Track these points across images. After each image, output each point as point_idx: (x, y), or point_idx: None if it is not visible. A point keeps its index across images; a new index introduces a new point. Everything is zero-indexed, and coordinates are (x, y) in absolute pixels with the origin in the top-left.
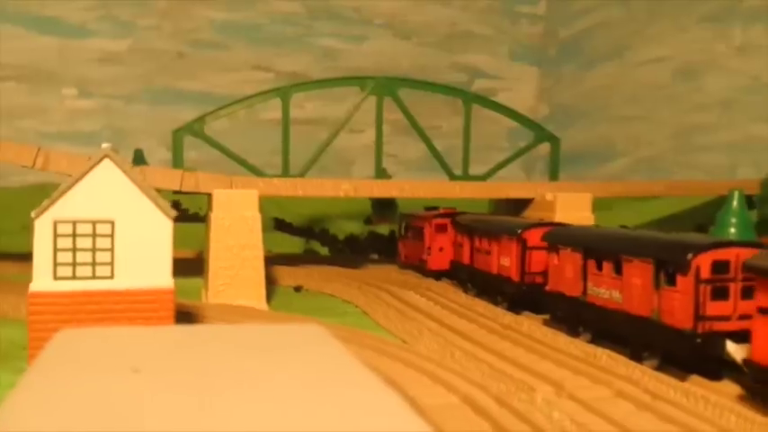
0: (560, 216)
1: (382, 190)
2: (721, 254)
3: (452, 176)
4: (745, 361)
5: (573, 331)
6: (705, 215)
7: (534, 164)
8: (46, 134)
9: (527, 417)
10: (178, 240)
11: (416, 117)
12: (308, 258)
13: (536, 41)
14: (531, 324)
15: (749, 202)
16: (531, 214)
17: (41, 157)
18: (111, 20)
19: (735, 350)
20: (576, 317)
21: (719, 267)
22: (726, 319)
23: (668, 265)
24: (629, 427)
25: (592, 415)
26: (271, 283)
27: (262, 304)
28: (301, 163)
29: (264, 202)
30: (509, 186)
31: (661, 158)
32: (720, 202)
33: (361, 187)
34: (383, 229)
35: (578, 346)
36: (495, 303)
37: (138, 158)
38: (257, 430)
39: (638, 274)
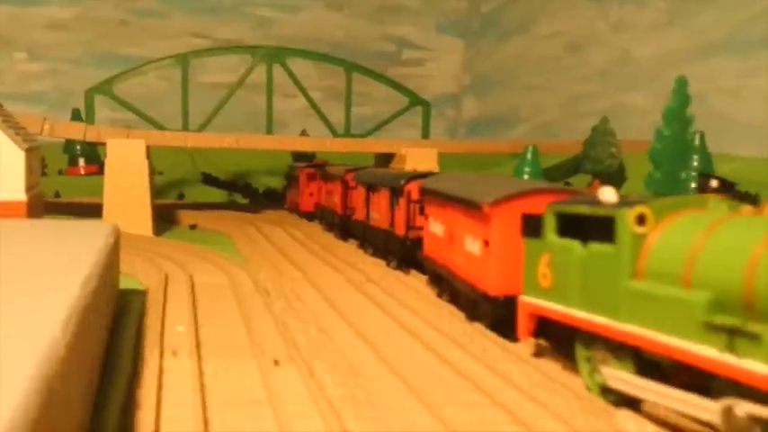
0: (410, 167)
1: (263, 143)
2: None
3: (335, 134)
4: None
5: (362, 247)
6: (568, 169)
7: (456, 128)
8: (0, 94)
9: (265, 288)
10: None
11: (351, 84)
12: (222, 206)
13: (461, 15)
14: (347, 247)
15: (577, 160)
16: (394, 166)
17: None
18: None
19: None
20: (363, 236)
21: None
22: None
23: (395, 191)
24: (331, 296)
25: (313, 289)
26: (174, 222)
27: (148, 233)
28: (234, 122)
29: (195, 159)
30: (374, 142)
31: (554, 124)
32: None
33: (242, 140)
34: None
35: (362, 258)
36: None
37: (76, 116)
38: None
39: (384, 199)
